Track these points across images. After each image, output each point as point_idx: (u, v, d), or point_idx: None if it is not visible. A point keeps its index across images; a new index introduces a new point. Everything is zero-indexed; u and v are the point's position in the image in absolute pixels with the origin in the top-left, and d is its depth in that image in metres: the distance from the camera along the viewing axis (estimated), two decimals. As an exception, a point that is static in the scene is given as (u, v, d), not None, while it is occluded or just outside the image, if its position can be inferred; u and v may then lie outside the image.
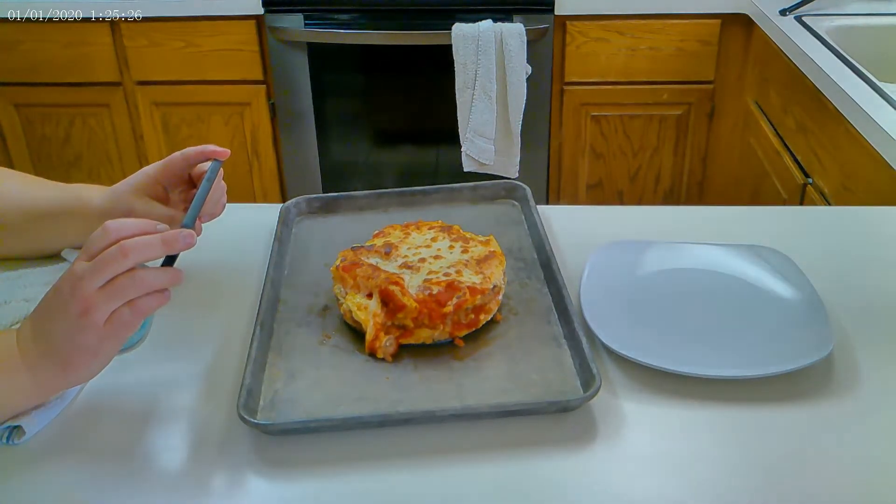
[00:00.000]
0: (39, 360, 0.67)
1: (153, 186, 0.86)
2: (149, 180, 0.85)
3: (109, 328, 0.66)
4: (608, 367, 0.77)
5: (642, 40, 2.20)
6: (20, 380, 0.67)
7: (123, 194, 0.86)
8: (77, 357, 0.66)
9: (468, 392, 0.74)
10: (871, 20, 1.94)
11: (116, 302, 0.65)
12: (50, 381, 0.68)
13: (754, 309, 0.84)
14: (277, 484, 0.66)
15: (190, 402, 0.74)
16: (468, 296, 0.79)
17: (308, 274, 0.92)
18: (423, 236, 0.90)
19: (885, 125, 1.33)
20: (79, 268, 0.65)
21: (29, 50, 2.29)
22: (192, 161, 0.84)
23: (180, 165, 0.85)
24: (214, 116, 2.37)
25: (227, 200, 0.90)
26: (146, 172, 0.86)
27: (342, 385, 0.75)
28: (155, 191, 0.86)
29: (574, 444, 0.69)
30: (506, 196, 1.06)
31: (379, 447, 0.69)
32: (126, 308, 0.66)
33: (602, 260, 0.91)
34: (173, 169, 0.85)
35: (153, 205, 0.85)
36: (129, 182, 0.86)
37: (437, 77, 2.22)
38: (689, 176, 2.40)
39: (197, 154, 0.84)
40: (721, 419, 0.71)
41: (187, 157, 0.84)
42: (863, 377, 0.76)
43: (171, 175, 0.85)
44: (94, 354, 0.66)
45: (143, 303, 0.66)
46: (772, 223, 1.04)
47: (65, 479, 0.67)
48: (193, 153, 0.84)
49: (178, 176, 0.85)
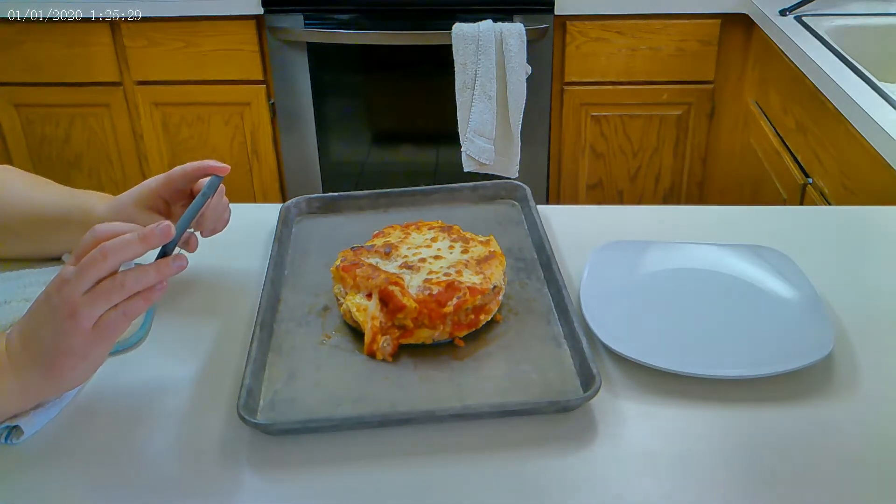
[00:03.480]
0: (26, 364, 0.67)
1: (155, 200, 0.86)
2: (151, 193, 0.85)
3: (97, 332, 0.66)
4: (608, 367, 0.77)
5: (642, 40, 2.20)
6: (6, 384, 0.67)
7: (126, 206, 0.86)
8: (63, 361, 0.66)
9: (468, 392, 0.74)
10: (871, 20, 1.94)
11: (102, 306, 0.65)
12: (36, 385, 0.68)
13: (754, 309, 0.84)
14: (277, 484, 0.66)
15: (190, 402, 0.74)
16: (468, 296, 0.79)
17: (308, 274, 0.92)
18: (423, 236, 0.90)
19: (885, 125, 1.33)
20: (66, 272, 0.65)
21: (29, 50, 2.29)
22: (191, 176, 0.84)
23: (180, 180, 0.85)
24: (214, 116, 2.37)
25: (228, 209, 0.90)
26: (148, 185, 0.86)
27: (342, 385, 0.75)
28: (156, 204, 0.86)
29: (574, 444, 0.69)
30: (506, 196, 1.06)
31: (379, 447, 0.69)
32: (112, 311, 0.66)
33: (602, 260, 0.91)
34: (174, 183, 0.85)
35: (154, 217, 0.85)
36: (131, 194, 0.86)
37: (437, 77, 2.22)
38: (689, 176, 2.40)
39: (196, 169, 0.84)
40: (721, 419, 0.71)
41: (187, 172, 0.84)
42: (863, 377, 0.76)
43: (172, 189, 0.85)
44: (81, 358, 0.67)
45: (129, 306, 0.67)
46: (772, 223, 1.04)
47: (64, 480, 0.67)
48: (192, 168, 0.84)
49: (180, 190, 0.86)
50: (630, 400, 0.73)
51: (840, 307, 0.85)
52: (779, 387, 0.74)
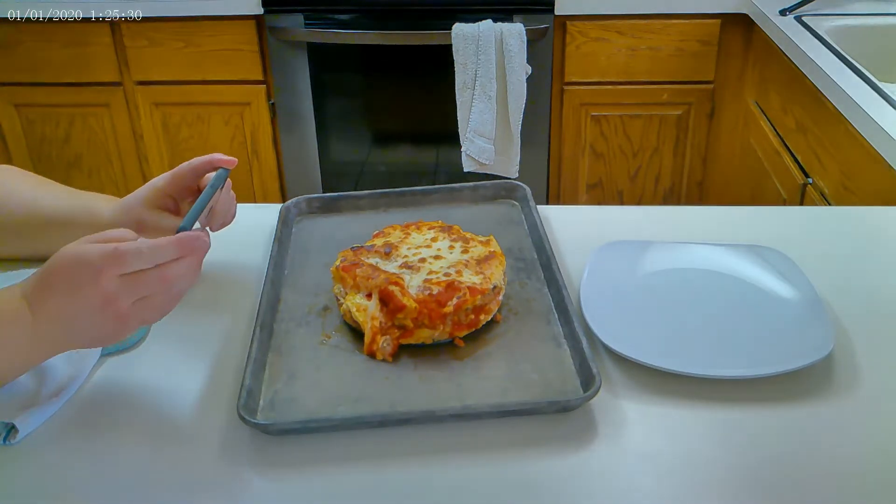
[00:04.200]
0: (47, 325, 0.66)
1: (162, 198, 0.85)
2: (158, 192, 0.85)
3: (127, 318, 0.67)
4: (608, 367, 0.77)
5: (642, 40, 2.20)
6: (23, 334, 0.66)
7: (133, 207, 0.85)
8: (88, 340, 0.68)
9: (468, 392, 0.74)
10: (871, 20, 1.94)
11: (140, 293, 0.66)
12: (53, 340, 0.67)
13: (754, 309, 0.84)
14: (277, 484, 0.66)
15: (190, 402, 0.74)
16: (468, 296, 0.79)
17: (308, 274, 0.92)
18: (423, 236, 0.90)
19: (885, 125, 1.33)
20: (113, 285, 0.64)
21: (29, 50, 2.29)
22: (199, 171, 0.84)
23: (188, 176, 0.84)
24: (214, 116, 2.37)
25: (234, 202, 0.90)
26: (155, 185, 0.85)
27: (342, 385, 0.75)
28: (164, 202, 0.86)
29: (574, 444, 0.69)
30: (506, 196, 1.06)
31: (379, 447, 0.69)
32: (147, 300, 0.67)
33: (602, 260, 0.91)
34: (181, 180, 0.85)
35: (163, 216, 0.85)
36: (137, 195, 0.86)
37: (437, 77, 2.22)
38: (689, 176, 2.40)
39: (203, 164, 0.84)
40: (721, 419, 0.71)
41: (194, 167, 0.84)
42: (863, 377, 0.76)
43: (179, 186, 0.85)
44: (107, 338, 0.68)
45: None
46: (772, 223, 1.04)
47: (63, 480, 0.67)
48: (200, 163, 0.84)
49: (187, 187, 0.85)
50: (630, 400, 0.73)
51: (840, 307, 0.85)
52: (779, 387, 0.74)
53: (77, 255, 0.64)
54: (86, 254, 0.64)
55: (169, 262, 0.66)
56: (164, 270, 0.66)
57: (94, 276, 0.64)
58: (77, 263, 0.64)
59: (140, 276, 0.65)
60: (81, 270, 0.64)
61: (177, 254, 0.67)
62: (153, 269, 0.65)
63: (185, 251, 0.67)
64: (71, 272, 0.64)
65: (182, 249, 0.67)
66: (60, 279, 0.65)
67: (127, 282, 0.65)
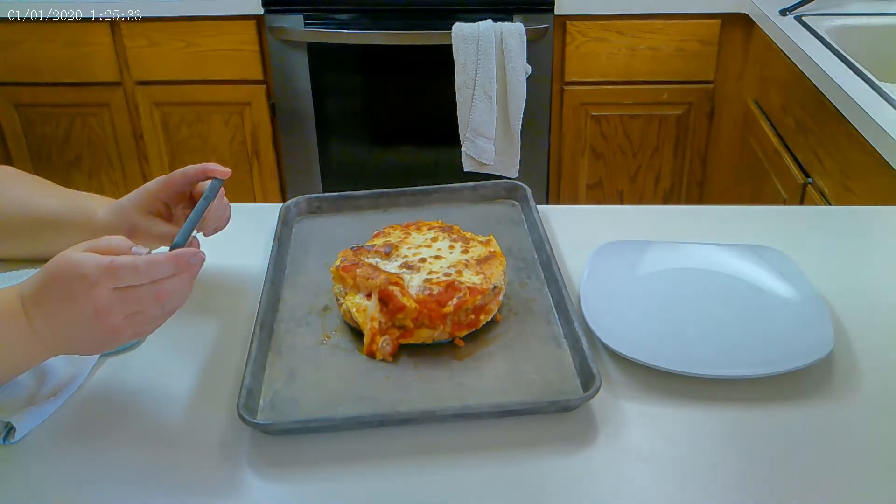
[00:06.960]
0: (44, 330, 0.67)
1: (154, 203, 0.86)
2: (150, 197, 0.85)
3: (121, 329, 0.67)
4: (608, 367, 0.77)
5: (642, 40, 2.20)
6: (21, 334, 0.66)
7: (127, 210, 0.86)
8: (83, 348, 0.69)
9: (468, 392, 0.74)
10: (871, 20, 1.94)
11: (131, 308, 0.67)
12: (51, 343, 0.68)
13: (754, 309, 0.84)
14: (277, 484, 0.66)
15: (190, 402, 0.74)
16: (468, 296, 0.79)
17: (308, 274, 0.92)
18: (424, 236, 0.90)
19: (885, 125, 1.33)
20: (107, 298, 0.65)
21: (29, 50, 2.29)
22: (192, 179, 0.84)
23: (181, 183, 0.85)
24: (214, 116, 2.37)
25: (229, 208, 0.90)
26: (147, 189, 0.86)
27: (342, 385, 0.75)
28: (156, 207, 0.86)
29: (574, 444, 0.69)
30: (506, 196, 1.06)
31: (379, 447, 0.69)
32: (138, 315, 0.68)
33: (602, 260, 0.91)
34: (174, 186, 0.85)
35: (155, 222, 0.85)
36: (131, 198, 0.86)
37: (437, 77, 2.22)
38: (689, 176, 2.40)
39: (197, 172, 0.84)
40: (721, 419, 0.71)
41: (187, 174, 0.84)
42: (863, 377, 0.76)
43: (171, 192, 0.85)
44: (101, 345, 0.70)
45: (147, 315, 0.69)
46: (772, 223, 1.04)
47: (63, 480, 0.67)
48: (193, 171, 0.84)
49: (180, 193, 0.86)
50: (630, 400, 0.73)
51: (840, 307, 0.85)
52: (779, 387, 0.74)
53: (73, 265, 0.65)
54: (82, 264, 0.64)
55: (163, 278, 0.66)
56: (158, 286, 0.66)
57: (88, 288, 0.64)
58: (73, 273, 0.64)
59: (134, 292, 0.65)
60: (76, 281, 0.64)
61: (172, 271, 0.67)
62: (148, 284, 0.66)
63: (181, 268, 0.68)
64: (66, 281, 0.65)
65: (177, 266, 0.67)
66: (56, 287, 0.65)
67: (121, 296, 0.65)
